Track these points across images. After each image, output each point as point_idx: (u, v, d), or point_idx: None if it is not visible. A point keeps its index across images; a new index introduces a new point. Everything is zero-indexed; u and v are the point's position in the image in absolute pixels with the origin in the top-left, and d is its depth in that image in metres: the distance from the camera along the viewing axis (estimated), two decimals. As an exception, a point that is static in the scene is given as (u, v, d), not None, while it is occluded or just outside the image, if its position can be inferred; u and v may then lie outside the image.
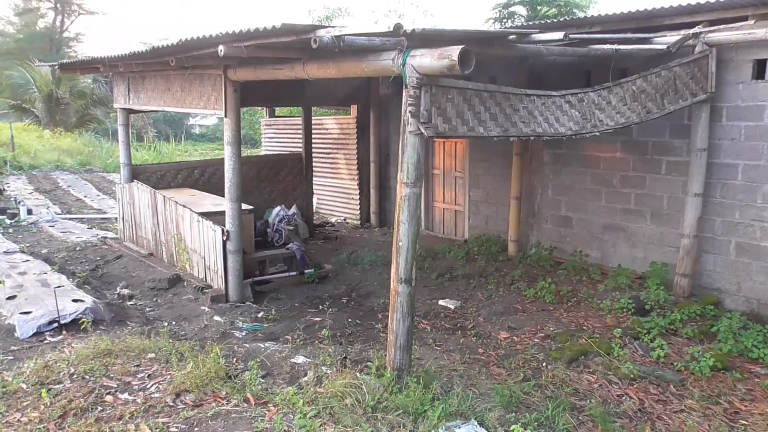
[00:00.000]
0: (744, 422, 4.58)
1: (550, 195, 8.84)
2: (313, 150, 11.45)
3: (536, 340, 5.91)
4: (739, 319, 6.15)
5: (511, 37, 4.54)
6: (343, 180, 12.27)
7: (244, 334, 5.97)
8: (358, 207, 11.97)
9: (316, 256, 8.72)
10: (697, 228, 6.95)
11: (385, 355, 4.61)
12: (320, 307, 6.93)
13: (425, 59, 3.92)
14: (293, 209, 10.38)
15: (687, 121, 7.07)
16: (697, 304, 6.59)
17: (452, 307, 6.86)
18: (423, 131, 4.08)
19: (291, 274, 7.85)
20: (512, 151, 8.97)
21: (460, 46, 3.73)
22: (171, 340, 5.36)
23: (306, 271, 7.86)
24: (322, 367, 4.74)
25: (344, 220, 12.30)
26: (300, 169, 11.04)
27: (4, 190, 14.42)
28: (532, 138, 4.94)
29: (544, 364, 5.35)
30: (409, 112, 4.04)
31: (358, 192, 11.93)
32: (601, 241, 8.23)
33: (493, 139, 4.69)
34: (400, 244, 4.25)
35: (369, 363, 4.76)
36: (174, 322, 6.31)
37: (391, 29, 3.87)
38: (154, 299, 7.09)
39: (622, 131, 7.08)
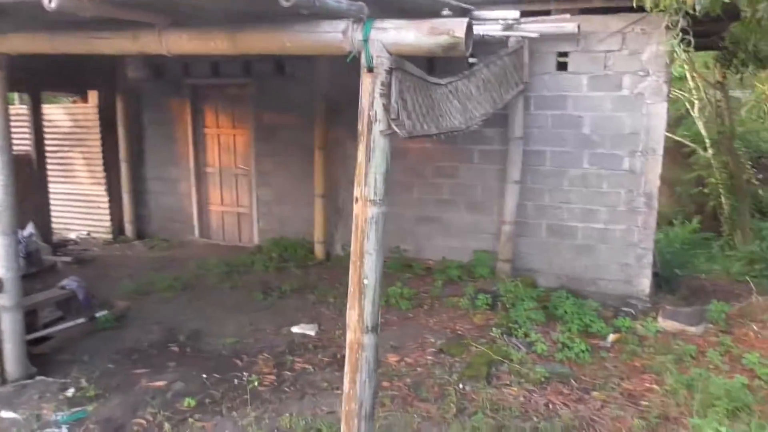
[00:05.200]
0: (645, 403, 4.70)
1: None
2: (41, 149, 8.77)
3: (429, 357, 5.27)
4: (566, 297, 6.50)
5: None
6: (83, 185, 9.72)
7: (65, 430, 4.01)
8: (109, 217, 9.63)
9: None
10: (516, 214, 7.18)
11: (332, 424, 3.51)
12: (147, 363, 5.13)
13: (407, 34, 2.91)
14: (29, 228, 7.81)
15: (500, 110, 7.21)
16: (530, 287, 6.79)
17: (312, 333, 5.76)
18: (396, 130, 3.08)
19: (78, 321, 5.70)
20: (310, 144, 8.19)
21: (465, 20, 2.86)
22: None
23: (97, 315, 5.82)
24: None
25: (88, 234, 9.78)
26: (29, 175, 8.31)
27: None
28: (454, 133, 4.27)
29: (460, 385, 4.77)
30: (382, 104, 2.99)
31: (107, 199, 9.57)
32: (416, 234, 8.01)
33: (401, 136, 3.89)
34: (365, 282, 3.17)
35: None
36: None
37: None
38: None
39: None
